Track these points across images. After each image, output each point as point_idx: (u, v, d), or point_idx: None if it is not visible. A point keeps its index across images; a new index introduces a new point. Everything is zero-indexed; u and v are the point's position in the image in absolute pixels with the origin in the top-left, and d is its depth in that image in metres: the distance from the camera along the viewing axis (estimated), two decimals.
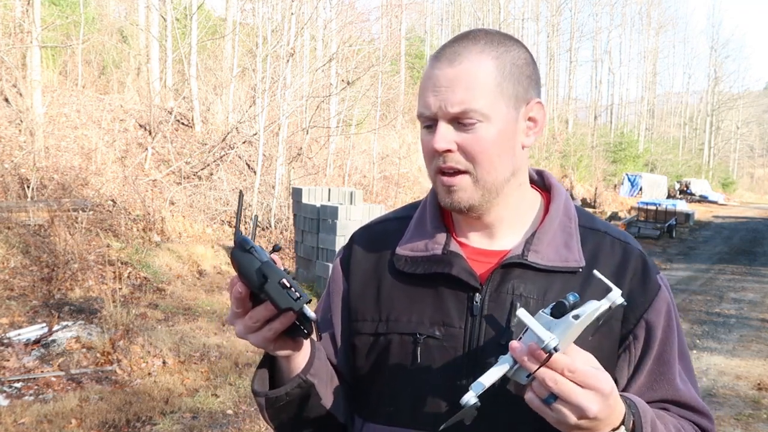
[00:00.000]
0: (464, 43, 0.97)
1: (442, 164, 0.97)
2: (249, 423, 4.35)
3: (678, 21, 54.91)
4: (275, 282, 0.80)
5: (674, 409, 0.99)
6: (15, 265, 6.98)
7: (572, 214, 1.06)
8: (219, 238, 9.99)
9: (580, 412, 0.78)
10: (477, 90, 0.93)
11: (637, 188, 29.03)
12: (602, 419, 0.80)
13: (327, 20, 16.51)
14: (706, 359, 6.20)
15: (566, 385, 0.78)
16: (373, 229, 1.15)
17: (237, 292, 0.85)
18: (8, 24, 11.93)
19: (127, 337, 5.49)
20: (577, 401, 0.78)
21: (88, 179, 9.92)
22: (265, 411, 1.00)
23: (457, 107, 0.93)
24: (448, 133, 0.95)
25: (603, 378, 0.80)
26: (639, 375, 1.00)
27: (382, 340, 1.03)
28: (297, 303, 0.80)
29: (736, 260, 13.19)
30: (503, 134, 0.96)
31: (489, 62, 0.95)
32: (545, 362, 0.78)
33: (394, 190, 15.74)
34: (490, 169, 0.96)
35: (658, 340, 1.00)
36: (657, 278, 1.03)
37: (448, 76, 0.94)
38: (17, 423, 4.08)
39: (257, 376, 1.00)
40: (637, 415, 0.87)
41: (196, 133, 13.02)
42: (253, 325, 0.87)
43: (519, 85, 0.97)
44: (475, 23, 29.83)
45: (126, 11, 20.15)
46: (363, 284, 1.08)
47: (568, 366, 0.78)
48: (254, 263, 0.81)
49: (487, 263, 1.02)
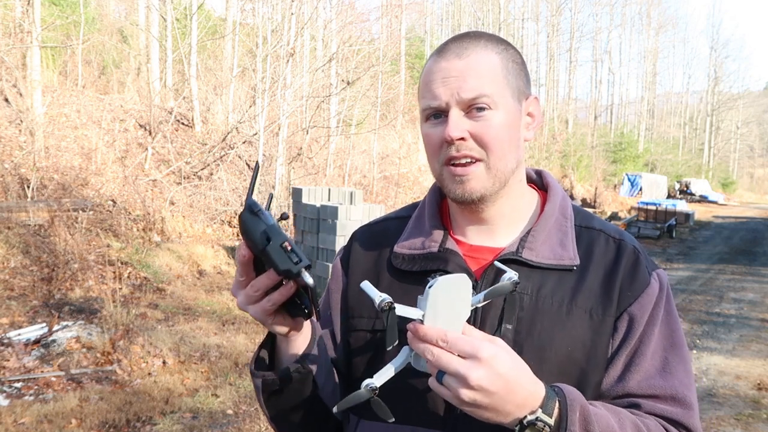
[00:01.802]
0: (467, 40, 1.00)
1: (455, 153, 0.97)
2: (249, 423, 4.35)
3: (678, 21, 55.17)
4: (277, 244, 0.80)
5: (647, 403, 0.97)
6: (15, 265, 6.98)
7: (568, 213, 1.07)
8: (219, 238, 9.99)
9: (463, 382, 0.77)
10: (487, 78, 0.96)
11: (637, 188, 29.03)
12: (494, 391, 0.78)
13: (327, 20, 16.52)
14: (706, 359, 6.20)
15: (443, 355, 0.78)
16: (374, 229, 1.17)
17: (241, 255, 0.86)
18: (8, 24, 11.93)
19: (127, 337, 5.49)
20: (456, 369, 0.77)
21: (88, 179, 9.92)
22: (260, 393, 1.01)
23: (470, 93, 0.95)
24: (461, 122, 0.96)
25: (480, 345, 0.78)
26: (612, 367, 0.98)
27: (379, 337, 1.05)
28: (296, 266, 0.80)
29: (736, 260, 13.19)
30: (511, 123, 0.99)
31: (494, 56, 0.99)
32: (388, 320, 0.80)
33: (394, 190, 15.75)
34: (501, 156, 0.98)
35: (637, 334, 0.98)
36: (650, 274, 1.02)
37: (458, 66, 0.96)
38: (17, 423, 4.08)
39: (256, 356, 1.01)
40: (563, 401, 0.83)
41: (196, 133, 13.03)
42: (254, 294, 0.87)
43: (519, 79, 1.01)
44: (475, 23, 29.83)
45: (126, 11, 20.17)
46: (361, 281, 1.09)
47: (440, 336, 0.79)
48: (260, 226, 0.82)
49: (482, 260, 1.03)
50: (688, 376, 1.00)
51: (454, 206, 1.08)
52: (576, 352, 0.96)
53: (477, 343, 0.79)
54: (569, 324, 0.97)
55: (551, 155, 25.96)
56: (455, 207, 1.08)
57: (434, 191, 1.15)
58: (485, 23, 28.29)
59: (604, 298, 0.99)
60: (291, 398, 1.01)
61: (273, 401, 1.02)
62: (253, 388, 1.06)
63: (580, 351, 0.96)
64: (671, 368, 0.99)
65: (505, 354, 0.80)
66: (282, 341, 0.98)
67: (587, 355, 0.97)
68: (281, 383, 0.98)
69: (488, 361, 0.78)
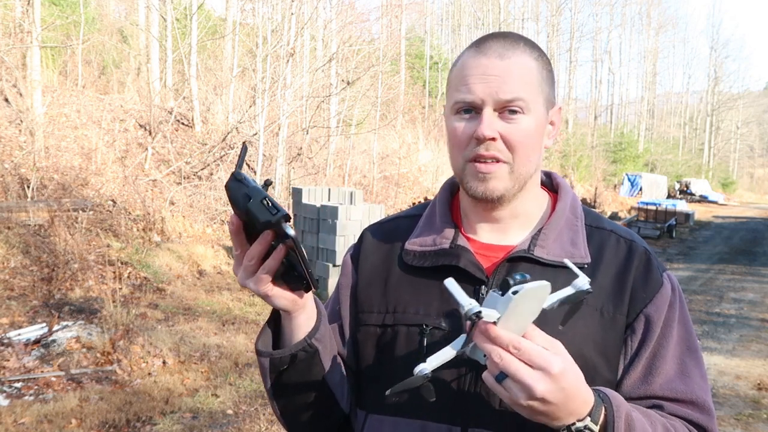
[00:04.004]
0: (509, 41, 1.01)
1: (484, 152, 0.98)
2: (249, 423, 4.35)
3: (678, 21, 55.17)
4: (257, 200, 0.83)
5: (669, 405, 0.99)
6: (15, 265, 6.98)
7: (579, 213, 1.09)
8: (219, 238, 9.99)
9: (527, 391, 0.78)
10: (525, 82, 0.98)
11: (637, 188, 29.02)
12: (554, 403, 0.79)
13: (327, 20, 16.51)
14: (706, 359, 6.19)
15: (512, 362, 0.78)
16: (384, 226, 1.18)
17: (230, 224, 0.88)
18: (8, 24, 11.93)
19: (127, 337, 5.49)
20: (522, 379, 0.78)
21: (88, 179, 9.92)
22: (267, 375, 1.01)
23: (509, 95, 0.96)
24: (494, 122, 0.97)
25: (551, 358, 0.79)
26: (633, 369, 1.00)
27: (389, 332, 1.06)
28: (274, 216, 0.82)
29: (736, 260, 13.19)
30: (538, 129, 1.00)
31: (532, 61, 1.00)
32: (473, 329, 0.80)
33: (394, 190, 15.74)
34: (526, 161, 1.00)
35: (655, 336, 1.00)
36: (662, 275, 1.04)
37: (500, 66, 0.97)
38: (17, 423, 4.08)
39: (261, 335, 1.02)
40: (609, 408, 0.85)
41: (196, 133, 13.02)
42: (250, 264, 0.89)
43: (550, 88, 1.03)
44: (475, 23, 29.83)
45: (126, 11, 20.18)
46: (371, 277, 1.11)
47: (512, 342, 0.78)
48: (242, 189, 0.85)
49: (493, 257, 1.04)
50: (704, 380, 1.02)
51: (466, 204, 1.09)
52: (586, 350, 0.97)
53: (549, 357, 0.79)
54: (580, 321, 0.98)
55: (551, 155, 25.94)
56: (468, 205, 1.08)
57: (445, 189, 1.16)
58: (485, 23, 28.28)
59: (615, 296, 1.00)
60: (298, 378, 1.01)
61: (280, 384, 1.02)
62: (253, 389, 1.07)
63: (590, 348, 0.98)
64: (689, 371, 1.01)
65: (572, 367, 0.82)
66: (286, 320, 0.99)
67: (597, 353, 0.98)
68: (289, 361, 0.98)
69: (556, 377, 0.79)
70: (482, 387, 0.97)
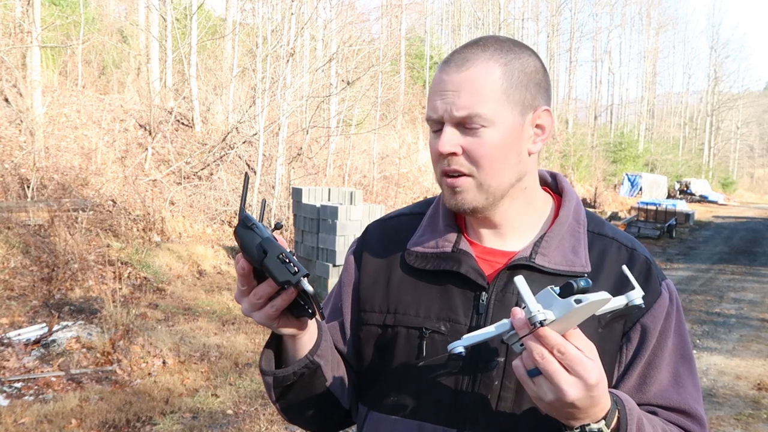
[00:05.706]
0: (474, 50, 0.98)
1: (446, 167, 0.99)
2: (249, 423, 4.35)
3: (678, 21, 55.10)
4: (274, 256, 0.82)
5: (663, 413, 1.00)
6: (15, 265, 6.98)
7: (582, 219, 1.08)
8: (219, 238, 9.99)
9: (558, 394, 0.79)
10: (482, 95, 0.95)
11: (637, 188, 29.02)
12: (580, 408, 0.80)
13: (327, 20, 16.50)
14: (706, 359, 6.19)
15: (552, 364, 0.78)
16: (387, 224, 1.18)
17: (240, 269, 0.88)
18: (8, 24, 11.93)
19: (127, 337, 5.49)
20: (559, 383, 0.78)
21: (88, 179, 9.91)
22: (272, 390, 1.03)
23: (462, 111, 0.95)
24: (453, 137, 0.97)
25: (591, 368, 0.80)
26: (628, 377, 1.01)
27: (389, 332, 1.06)
28: (294, 276, 0.82)
29: (736, 260, 13.19)
30: (508, 140, 0.97)
31: (497, 68, 0.96)
32: (531, 333, 0.79)
33: (394, 190, 15.74)
34: (493, 173, 0.98)
35: (651, 345, 1.01)
36: (661, 285, 1.04)
37: (455, 81, 0.96)
38: (17, 423, 4.08)
39: (264, 355, 1.03)
40: (623, 412, 0.87)
41: (196, 133, 13.02)
42: (257, 302, 0.89)
43: (527, 92, 0.98)
44: (475, 23, 29.83)
45: (126, 11, 20.18)
46: (374, 275, 1.11)
47: (558, 346, 0.79)
48: (255, 239, 0.84)
49: (495, 263, 1.04)
50: (697, 390, 1.03)
51: None
52: None
53: (589, 366, 0.79)
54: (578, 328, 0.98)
55: (551, 155, 25.94)
56: None
57: None
58: (485, 23, 28.28)
59: None
60: (302, 393, 1.03)
61: (284, 396, 1.04)
62: (253, 389, 1.08)
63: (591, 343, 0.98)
64: (683, 381, 1.02)
65: (604, 377, 0.82)
66: (288, 339, 1.00)
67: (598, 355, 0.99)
68: (293, 377, 1.00)
69: (591, 387, 0.79)
70: (479, 389, 0.98)
